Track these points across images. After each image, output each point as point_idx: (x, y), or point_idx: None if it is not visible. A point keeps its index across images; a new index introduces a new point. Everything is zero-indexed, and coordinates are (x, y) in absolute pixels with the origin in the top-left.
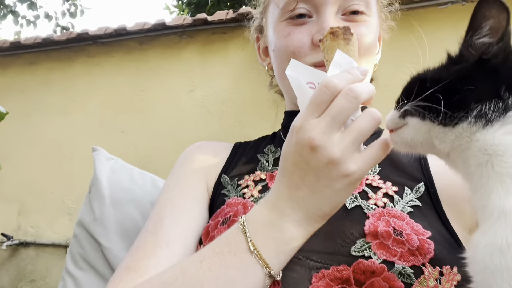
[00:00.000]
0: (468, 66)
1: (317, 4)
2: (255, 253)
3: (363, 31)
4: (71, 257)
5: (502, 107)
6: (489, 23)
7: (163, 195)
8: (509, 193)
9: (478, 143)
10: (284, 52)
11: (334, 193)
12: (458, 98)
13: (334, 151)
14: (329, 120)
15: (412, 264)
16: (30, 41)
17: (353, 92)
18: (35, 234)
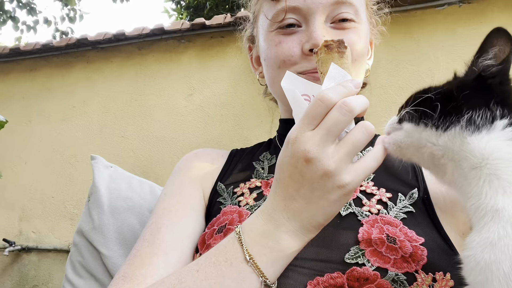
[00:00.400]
0: (467, 80)
1: (306, 14)
2: (251, 262)
3: (353, 37)
4: (71, 265)
5: (490, 117)
6: (495, 50)
7: (160, 203)
8: (498, 193)
9: (470, 147)
10: (274, 61)
11: (328, 204)
12: (453, 105)
13: (328, 163)
14: (324, 133)
15: (405, 271)
16: (30, 47)
17: (347, 105)
18: (37, 240)
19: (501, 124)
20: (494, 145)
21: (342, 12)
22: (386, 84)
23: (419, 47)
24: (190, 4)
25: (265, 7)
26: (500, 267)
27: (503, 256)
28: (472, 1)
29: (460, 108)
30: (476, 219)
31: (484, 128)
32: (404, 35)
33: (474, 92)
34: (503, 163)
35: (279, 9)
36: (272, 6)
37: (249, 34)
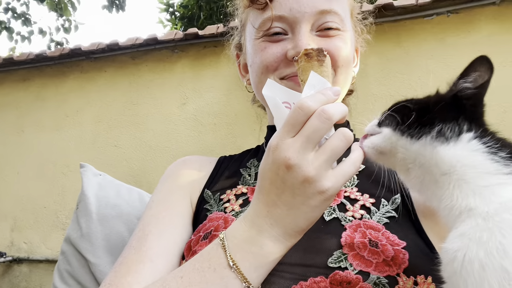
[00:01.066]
0: (444, 97)
1: (292, 23)
2: (234, 268)
3: (338, 44)
4: (58, 274)
5: (458, 130)
6: (475, 75)
7: (148, 211)
8: (469, 196)
9: (439, 155)
10: (259, 66)
11: (310, 210)
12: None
13: (309, 169)
14: (303, 140)
15: (387, 274)
16: (23, 57)
17: (326, 113)
18: (29, 250)
19: (467, 137)
20: (461, 154)
21: (327, 21)
22: (377, 93)
23: (409, 56)
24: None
25: (252, 15)
26: (467, 254)
27: (471, 243)
28: (460, 11)
29: (433, 120)
30: (452, 218)
31: (452, 140)
32: (394, 45)
33: (448, 108)
34: (469, 170)
35: (266, 18)
36: (259, 15)
37: (237, 42)
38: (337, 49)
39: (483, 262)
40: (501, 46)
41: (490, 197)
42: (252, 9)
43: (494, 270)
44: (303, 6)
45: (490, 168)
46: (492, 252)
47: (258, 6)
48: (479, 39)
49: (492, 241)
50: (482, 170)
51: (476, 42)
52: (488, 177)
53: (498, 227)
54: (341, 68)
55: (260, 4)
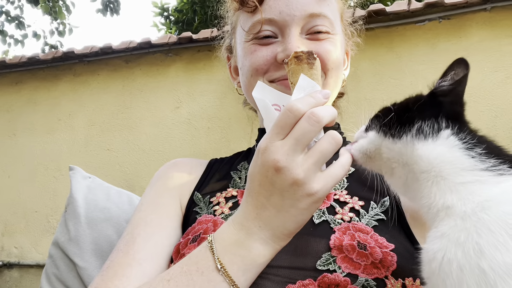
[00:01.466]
0: (423, 96)
1: (281, 26)
2: (222, 271)
3: (328, 47)
4: (46, 278)
5: (437, 127)
6: (451, 73)
7: (137, 213)
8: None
9: (418, 152)
10: (248, 69)
11: (299, 212)
12: (407, 115)
13: (298, 172)
14: (292, 142)
15: (375, 277)
16: (16, 60)
17: (315, 116)
18: (19, 255)
19: (445, 134)
20: (439, 151)
21: (317, 24)
22: (370, 97)
23: (401, 61)
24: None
25: (242, 18)
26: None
27: (450, 244)
28: (451, 17)
29: (412, 118)
30: (431, 216)
31: (431, 137)
32: (386, 50)
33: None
34: (446, 166)
35: (255, 21)
36: (249, 18)
37: (227, 44)
38: (327, 52)
39: (461, 263)
40: (492, 51)
41: (467, 196)
42: (242, 12)
43: (472, 270)
44: (293, 9)
45: (466, 164)
46: (469, 253)
47: (248, 9)
48: (470, 45)
49: (469, 242)
50: (459, 166)
51: (467, 48)
52: (464, 174)
53: (475, 227)
54: (331, 71)
55: (249, 7)
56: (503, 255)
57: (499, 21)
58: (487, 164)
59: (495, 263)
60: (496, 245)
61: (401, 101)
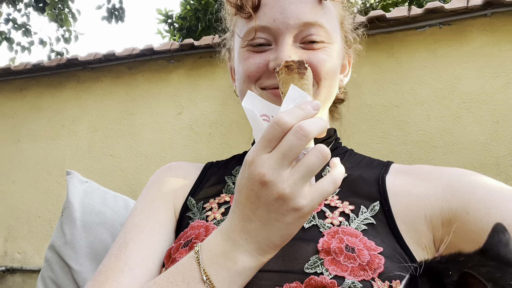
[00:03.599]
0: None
1: (275, 34)
2: (208, 283)
3: (322, 56)
4: (42, 281)
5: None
6: None
7: (130, 218)
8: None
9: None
10: (241, 75)
11: (284, 227)
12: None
13: (283, 187)
14: (279, 156)
15: (361, 279)
16: (21, 67)
17: (303, 130)
18: (22, 260)
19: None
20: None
21: (311, 34)
22: (371, 103)
23: (402, 67)
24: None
25: (238, 24)
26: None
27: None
28: (452, 23)
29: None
30: None
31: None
32: (387, 55)
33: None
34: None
35: (250, 28)
36: (244, 24)
37: (228, 46)
38: (320, 61)
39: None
40: (492, 57)
41: None
42: (238, 17)
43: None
44: (287, 18)
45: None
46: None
47: (243, 15)
48: (471, 51)
49: None
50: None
51: (467, 54)
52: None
53: None
54: (324, 81)
55: (245, 13)
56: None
57: (500, 27)
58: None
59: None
60: None
61: None
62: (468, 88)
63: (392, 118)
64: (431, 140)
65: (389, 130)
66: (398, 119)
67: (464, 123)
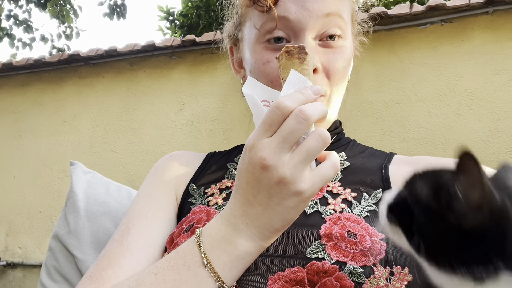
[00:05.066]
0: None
1: (296, 30)
2: (209, 267)
3: (338, 58)
4: (45, 270)
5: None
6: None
7: (133, 205)
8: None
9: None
10: (262, 79)
11: (286, 211)
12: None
13: (284, 170)
14: (280, 140)
15: (363, 264)
16: (22, 62)
17: (304, 113)
18: (23, 255)
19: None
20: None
21: (330, 28)
22: (372, 100)
23: (403, 64)
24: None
25: (252, 15)
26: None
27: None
28: (453, 20)
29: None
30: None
31: (489, 281)
32: (388, 53)
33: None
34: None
35: (268, 20)
36: (261, 16)
37: (231, 33)
38: (336, 61)
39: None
40: (494, 54)
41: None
42: (253, 9)
43: None
44: (308, 10)
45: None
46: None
47: (260, 8)
48: (472, 48)
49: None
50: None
51: (469, 51)
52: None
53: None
54: (338, 81)
55: (263, 6)
56: None
57: (501, 24)
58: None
59: None
60: None
61: None
62: (469, 85)
63: (393, 115)
64: (432, 137)
65: (390, 127)
66: (399, 116)
67: (465, 120)
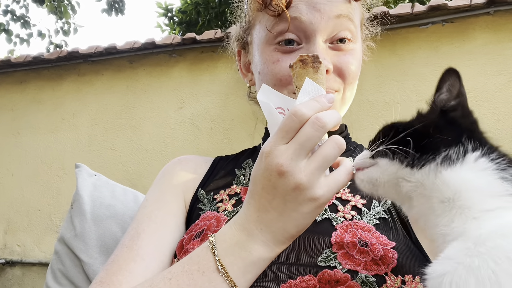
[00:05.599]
0: (434, 117)
1: (308, 32)
2: (223, 272)
3: (350, 60)
4: (51, 273)
5: (463, 151)
6: (447, 85)
7: (141, 210)
8: (467, 220)
9: (443, 180)
10: (270, 78)
11: (300, 217)
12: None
13: (300, 177)
14: (297, 147)
15: (375, 273)
16: (21, 59)
17: (320, 121)
18: (22, 253)
19: (473, 157)
20: (467, 176)
21: (341, 31)
22: (373, 100)
23: (404, 64)
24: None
25: (262, 19)
26: (454, 278)
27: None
28: (455, 20)
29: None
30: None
31: (458, 162)
32: (389, 52)
33: (445, 129)
34: (474, 193)
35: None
36: (272, 19)
37: (239, 37)
38: (347, 64)
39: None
40: (494, 55)
41: (485, 221)
42: (264, 12)
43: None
44: (319, 12)
45: (497, 188)
46: (484, 282)
47: (272, 13)
48: (473, 48)
49: (484, 269)
50: (489, 192)
51: (470, 51)
52: (493, 200)
53: (491, 253)
54: (350, 84)
55: (274, 10)
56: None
57: (502, 25)
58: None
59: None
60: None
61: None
62: (469, 85)
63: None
64: None
65: None
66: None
67: None
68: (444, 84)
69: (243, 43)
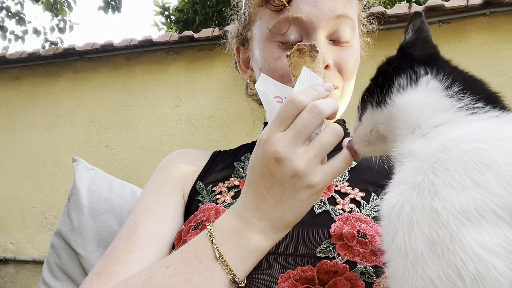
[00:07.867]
0: (394, 56)
1: (308, 29)
2: (221, 260)
3: (348, 56)
4: (48, 267)
5: (415, 77)
6: (410, 27)
7: (139, 202)
8: (415, 139)
9: (397, 105)
10: (272, 75)
11: (298, 204)
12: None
13: (298, 163)
14: (294, 134)
15: (373, 264)
16: (16, 55)
17: (317, 108)
18: (15, 251)
19: (425, 80)
20: (417, 98)
21: (341, 29)
22: None
23: None
24: (180, 18)
25: (264, 15)
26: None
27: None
28: (451, 21)
29: (390, 78)
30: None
31: (410, 88)
32: (386, 53)
33: (400, 63)
34: (424, 111)
35: (281, 20)
36: (273, 16)
37: (238, 33)
38: (346, 60)
39: (414, 204)
40: (490, 56)
41: (434, 138)
42: (265, 8)
43: (424, 210)
44: (321, 10)
45: (443, 105)
46: (423, 193)
47: (274, 8)
48: (470, 49)
49: (425, 182)
50: (435, 108)
51: (466, 52)
52: (439, 116)
53: (432, 167)
54: (349, 80)
55: (276, 6)
56: (458, 195)
57: (498, 26)
58: (462, 103)
59: (449, 202)
60: (452, 184)
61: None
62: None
63: None
64: None
65: None
66: None
67: None
68: (408, 27)
69: (242, 40)
